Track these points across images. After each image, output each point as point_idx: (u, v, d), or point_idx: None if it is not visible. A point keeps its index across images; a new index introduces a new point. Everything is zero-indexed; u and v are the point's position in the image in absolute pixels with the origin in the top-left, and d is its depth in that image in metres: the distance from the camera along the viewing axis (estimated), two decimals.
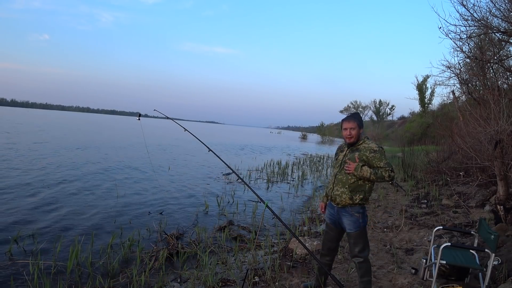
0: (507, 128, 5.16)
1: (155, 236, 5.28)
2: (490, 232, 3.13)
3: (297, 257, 4.40)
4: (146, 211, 6.64)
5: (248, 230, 5.81)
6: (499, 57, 7.51)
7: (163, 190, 8.67)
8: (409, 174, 11.75)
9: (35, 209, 6.13)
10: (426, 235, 5.30)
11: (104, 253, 4.46)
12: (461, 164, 8.04)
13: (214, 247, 4.86)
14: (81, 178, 9.29)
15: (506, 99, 5.86)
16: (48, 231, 5.16)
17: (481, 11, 6.75)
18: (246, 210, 7.23)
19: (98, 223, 5.73)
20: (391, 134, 48.45)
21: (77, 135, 25.61)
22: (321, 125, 74.22)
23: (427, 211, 6.84)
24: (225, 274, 3.93)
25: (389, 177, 2.93)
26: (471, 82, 9.03)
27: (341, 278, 3.76)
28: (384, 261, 4.33)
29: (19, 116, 56.62)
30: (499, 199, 5.69)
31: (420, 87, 35.13)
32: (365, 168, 2.93)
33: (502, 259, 3.67)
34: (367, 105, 71.69)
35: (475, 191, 7.21)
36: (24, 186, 7.77)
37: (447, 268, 3.39)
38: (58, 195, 7.25)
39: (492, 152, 5.42)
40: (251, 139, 45.11)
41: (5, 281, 3.58)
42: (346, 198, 3.01)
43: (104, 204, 6.90)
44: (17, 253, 4.32)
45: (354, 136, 3.07)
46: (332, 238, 3.26)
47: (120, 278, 3.81)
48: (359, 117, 3.17)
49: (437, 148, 12.28)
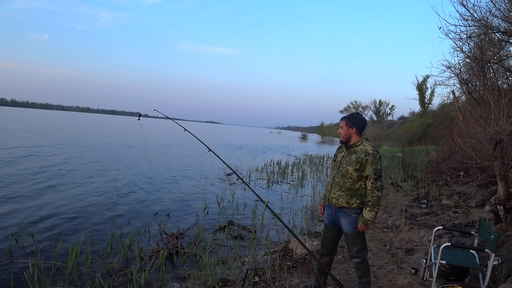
0: (507, 128, 5.16)
1: (155, 236, 5.28)
2: (490, 232, 3.13)
3: (297, 257, 4.40)
4: (146, 211, 6.64)
5: (248, 230, 5.81)
6: (499, 57, 7.50)
7: (163, 190, 8.67)
8: (409, 174, 11.76)
9: (35, 209, 6.13)
10: (426, 235, 5.30)
11: (104, 253, 4.46)
12: (461, 164, 8.04)
13: (214, 247, 4.86)
14: (81, 178, 9.29)
15: (506, 99, 5.86)
16: (48, 231, 5.16)
17: (481, 11, 6.75)
18: (246, 210, 7.23)
19: (98, 223, 5.73)
20: (391, 134, 48.44)
21: (83, 136, 25.62)
22: (321, 125, 74.17)
23: (427, 211, 6.84)
24: (225, 274, 3.93)
25: (379, 191, 2.87)
26: (471, 82, 9.03)
27: (341, 278, 3.76)
28: (384, 261, 4.33)
29: (35, 117, 56.56)
30: (499, 199, 5.69)
31: (420, 87, 35.16)
32: (365, 214, 2.87)
33: (502, 259, 3.67)
34: (367, 105, 71.68)
35: (475, 191, 7.21)
36: (23, 186, 7.77)
37: (447, 268, 3.39)
38: (58, 195, 7.25)
39: (492, 152, 5.42)
40: (251, 139, 45.10)
41: (5, 281, 3.58)
42: (343, 202, 2.99)
43: (104, 204, 6.90)
44: (17, 253, 4.31)
45: (342, 135, 3.07)
46: (331, 238, 3.26)
47: (120, 278, 3.81)
48: (353, 116, 3.09)
49: (437, 148, 12.29)
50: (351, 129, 3.04)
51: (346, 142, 3.09)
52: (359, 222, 2.92)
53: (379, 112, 68.94)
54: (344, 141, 3.09)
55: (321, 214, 3.38)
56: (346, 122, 3.06)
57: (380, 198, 2.89)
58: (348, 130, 3.05)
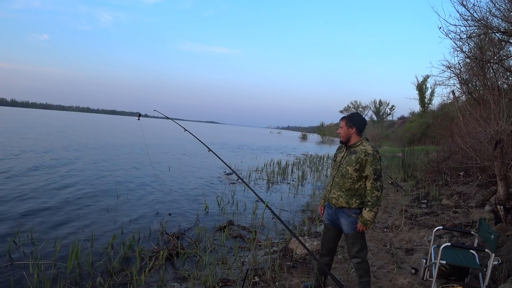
0: (507, 128, 5.16)
1: (156, 236, 5.28)
2: (490, 232, 3.13)
3: (297, 257, 4.41)
4: (146, 211, 6.64)
5: (248, 230, 5.81)
6: (499, 57, 7.51)
7: (163, 190, 8.67)
8: (409, 174, 11.76)
9: (35, 209, 6.13)
10: (426, 235, 5.30)
11: (104, 253, 4.46)
12: (461, 164, 8.04)
13: (214, 247, 4.86)
14: (81, 177, 9.28)
15: (506, 99, 5.86)
16: (48, 231, 5.16)
17: (481, 11, 6.76)
18: (246, 210, 7.23)
19: (98, 222, 5.73)
20: (391, 134, 48.43)
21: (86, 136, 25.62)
22: (321, 125, 74.18)
23: (427, 211, 6.84)
24: (225, 274, 3.93)
25: (378, 191, 2.87)
26: (471, 82, 9.03)
27: (341, 278, 3.77)
28: (384, 261, 4.33)
29: (39, 117, 56.55)
30: (499, 199, 5.70)
31: (420, 87, 35.15)
32: (365, 214, 2.87)
33: (502, 259, 3.67)
34: (367, 105, 71.64)
35: (475, 191, 7.21)
36: (23, 186, 7.77)
37: (447, 268, 3.39)
38: (58, 195, 7.24)
39: (492, 152, 5.42)
40: (251, 139, 45.10)
41: (5, 281, 3.58)
42: (343, 202, 2.99)
43: (104, 204, 6.90)
44: (17, 253, 4.31)
45: (342, 135, 3.08)
46: (331, 238, 3.26)
47: (120, 278, 3.81)
48: (353, 116, 3.09)
49: (437, 148, 12.29)
50: (351, 129, 3.04)
51: (346, 142, 3.09)
52: (359, 222, 2.92)
53: (379, 112, 68.92)
54: (344, 141, 3.10)
55: (321, 214, 3.39)
56: (346, 122, 3.06)
57: (379, 198, 2.89)
58: (348, 130, 3.05)
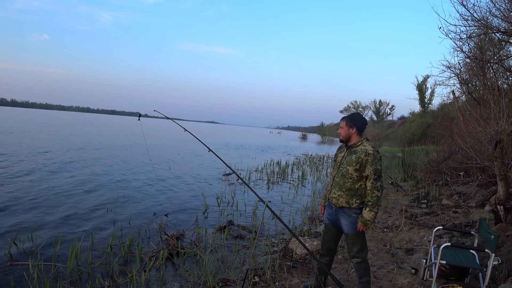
0: (507, 128, 5.16)
1: (155, 236, 5.28)
2: (490, 232, 3.13)
3: (297, 257, 4.40)
4: (146, 211, 6.63)
5: (248, 230, 5.81)
6: (499, 57, 7.51)
7: (163, 190, 8.67)
8: (409, 174, 11.76)
9: (35, 209, 6.13)
10: (426, 235, 5.30)
11: (104, 253, 4.46)
12: (461, 164, 8.05)
13: (214, 247, 4.86)
14: (81, 177, 9.28)
15: (506, 99, 5.86)
16: (47, 231, 5.16)
17: (481, 11, 6.76)
18: (246, 210, 7.23)
19: (97, 223, 5.72)
20: (391, 134, 48.42)
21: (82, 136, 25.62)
22: (321, 125, 74.23)
23: (427, 211, 6.84)
24: (225, 274, 3.93)
25: (379, 191, 2.87)
26: (471, 82, 9.04)
27: (341, 278, 3.76)
28: (384, 261, 4.33)
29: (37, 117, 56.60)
30: (499, 199, 5.69)
31: (420, 87, 35.15)
32: (365, 214, 2.87)
33: (502, 259, 3.67)
34: (367, 105, 71.65)
35: (475, 191, 7.21)
36: (23, 186, 7.77)
37: (447, 268, 3.39)
38: (58, 195, 7.24)
39: (492, 152, 5.42)
40: (251, 139, 45.09)
41: (5, 281, 3.58)
42: (343, 202, 2.99)
43: (104, 204, 6.89)
44: (16, 253, 4.31)
45: (342, 135, 3.08)
46: (331, 238, 3.26)
47: (120, 278, 3.81)
48: (353, 116, 3.10)
49: (437, 148, 12.29)
50: (352, 129, 3.04)
51: (347, 142, 3.10)
52: (359, 222, 2.92)
53: (379, 112, 68.93)
54: (344, 141, 3.10)
55: (321, 214, 3.39)
56: (347, 122, 3.06)
57: (380, 198, 2.89)
58: (349, 130, 3.05)
